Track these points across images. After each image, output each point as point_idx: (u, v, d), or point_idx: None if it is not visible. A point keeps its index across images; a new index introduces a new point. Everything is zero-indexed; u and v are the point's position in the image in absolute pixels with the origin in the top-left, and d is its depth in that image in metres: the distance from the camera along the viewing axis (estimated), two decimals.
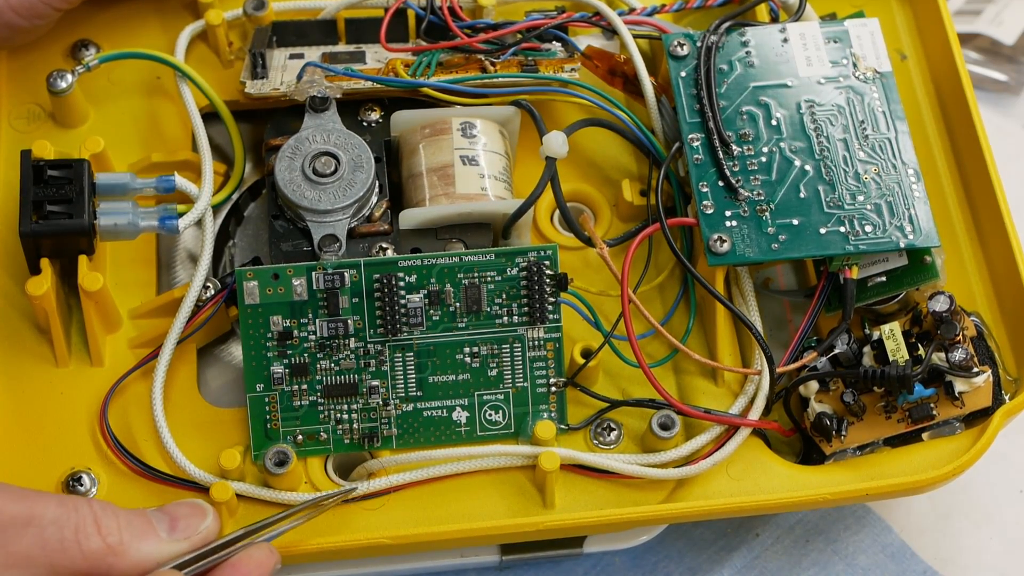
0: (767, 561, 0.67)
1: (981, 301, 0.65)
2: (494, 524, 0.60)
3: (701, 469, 0.61)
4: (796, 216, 0.62)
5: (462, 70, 0.66)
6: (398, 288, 0.61)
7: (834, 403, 0.63)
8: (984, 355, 0.62)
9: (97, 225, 0.61)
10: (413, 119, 0.64)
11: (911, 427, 0.62)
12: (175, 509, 0.57)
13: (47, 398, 0.62)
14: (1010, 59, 0.82)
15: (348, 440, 0.61)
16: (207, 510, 0.57)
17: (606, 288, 0.65)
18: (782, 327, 0.68)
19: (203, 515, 0.57)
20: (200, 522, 0.57)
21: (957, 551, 0.68)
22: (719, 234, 0.62)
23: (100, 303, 0.62)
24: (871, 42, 0.66)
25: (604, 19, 0.68)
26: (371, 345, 0.61)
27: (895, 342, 0.62)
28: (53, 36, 0.69)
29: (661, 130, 0.66)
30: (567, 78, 0.65)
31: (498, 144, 0.64)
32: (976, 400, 0.62)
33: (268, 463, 0.59)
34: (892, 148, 0.64)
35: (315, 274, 0.60)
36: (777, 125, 0.64)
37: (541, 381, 0.62)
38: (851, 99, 0.65)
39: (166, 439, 0.61)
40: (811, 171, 0.63)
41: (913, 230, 0.62)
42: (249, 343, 0.61)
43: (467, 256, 0.61)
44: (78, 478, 0.61)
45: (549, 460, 0.59)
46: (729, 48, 0.66)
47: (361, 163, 0.62)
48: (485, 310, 0.61)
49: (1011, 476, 0.70)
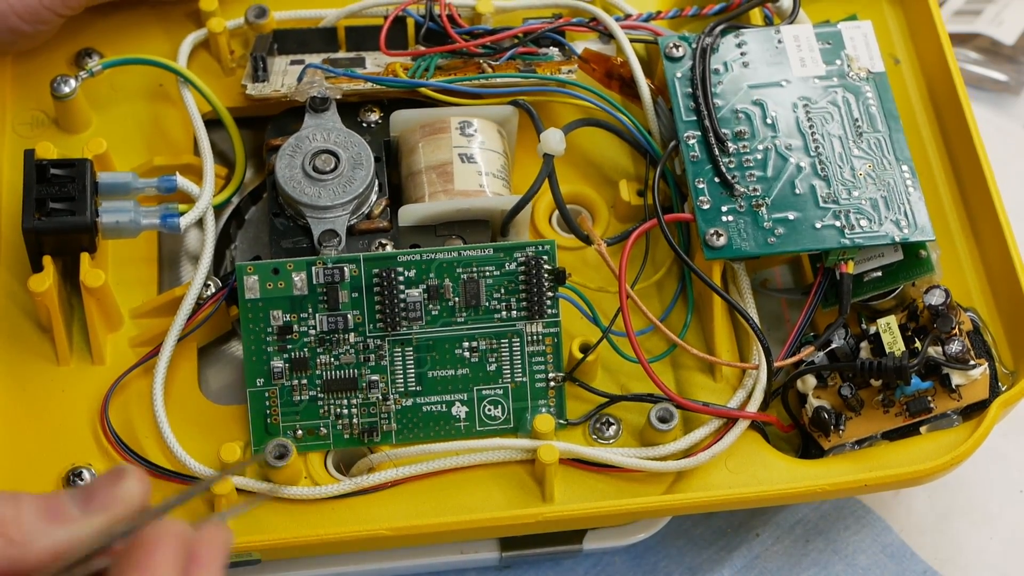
0: (767, 561, 0.67)
1: (977, 296, 0.66)
2: (494, 516, 0.60)
3: (700, 462, 0.61)
4: (792, 211, 0.63)
5: (460, 73, 0.66)
6: (397, 283, 0.61)
7: (832, 398, 0.63)
8: (980, 348, 0.62)
9: (99, 222, 0.62)
10: (412, 119, 0.65)
11: (909, 420, 0.62)
12: (93, 482, 0.49)
13: (49, 395, 0.63)
14: (1010, 59, 0.82)
15: (348, 435, 0.62)
16: (126, 472, 0.49)
17: (604, 285, 0.65)
18: (779, 325, 0.68)
19: (120, 479, 0.49)
20: (117, 488, 0.48)
21: (957, 551, 0.68)
22: (715, 229, 0.62)
23: (102, 301, 0.62)
24: (864, 44, 0.67)
25: (601, 24, 0.68)
26: (371, 340, 0.61)
27: (892, 335, 0.62)
28: (57, 44, 0.70)
29: (658, 131, 0.67)
30: (564, 78, 0.66)
31: (496, 143, 0.65)
32: (973, 393, 0.62)
33: (268, 456, 0.60)
34: (886, 145, 0.64)
35: (315, 269, 0.61)
36: (772, 123, 0.65)
37: (540, 376, 0.62)
38: (845, 98, 0.65)
39: (167, 435, 0.61)
40: (806, 167, 0.64)
41: (908, 224, 0.63)
42: (249, 338, 0.61)
43: (466, 251, 0.62)
44: (79, 474, 0.61)
45: (548, 453, 0.60)
46: (724, 50, 0.67)
47: (361, 161, 0.63)
48: (484, 305, 0.62)
49: (1011, 476, 0.70)
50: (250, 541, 0.59)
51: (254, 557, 0.60)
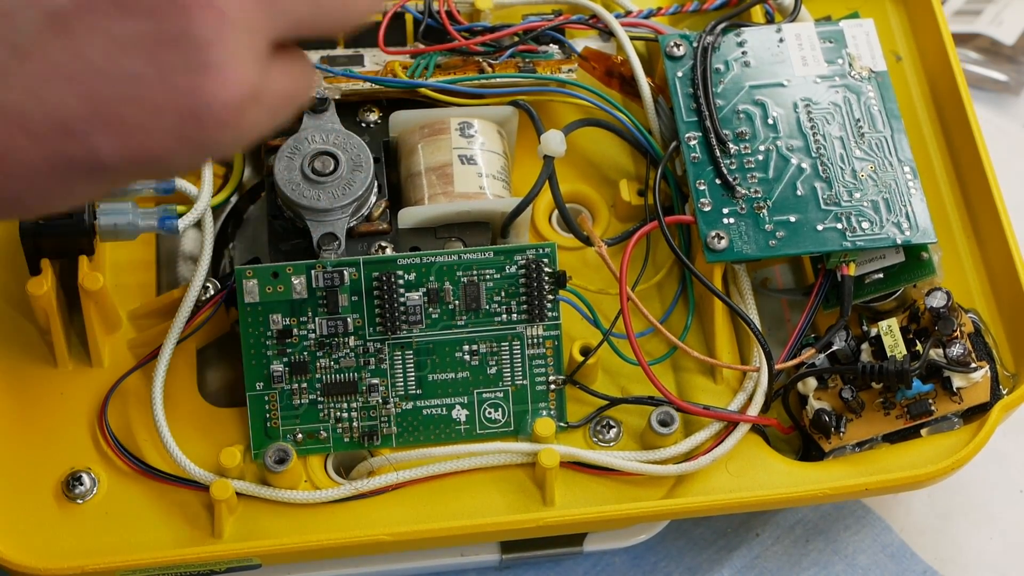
0: (767, 561, 0.67)
1: (978, 298, 0.66)
2: (494, 520, 0.60)
3: (700, 465, 0.61)
4: (793, 213, 0.62)
5: (460, 71, 0.66)
6: (397, 286, 0.61)
7: (833, 400, 0.63)
8: (982, 351, 0.62)
9: (97, 225, 0.62)
10: (411, 119, 0.64)
11: (910, 423, 0.62)
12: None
13: (47, 398, 0.62)
14: (1010, 59, 0.82)
15: (348, 439, 0.61)
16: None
17: (605, 287, 0.65)
18: (780, 326, 0.68)
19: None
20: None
21: (957, 551, 0.68)
22: (717, 231, 0.62)
23: (100, 303, 0.62)
24: (866, 42, 0.67)
25: (601, 21, 0.68)
26: (370, 343, 0.61)
27: (893, 338, 0.62)
28: None
29: (658, 130, 0.66)
30: (564, 78, 0.66)
31: (496, 144, 0.65)
32: (974, 396, 0.62)
33: (268, 461, 0.60)
34: (888, 146, 0.64)
35: (314, 272, 0.60)
36: (774, 124, 0.64)
37: (540, 379, 0.62)
38: (847, 98, 0.65)
39: (166, 438, 0.61)
40: (808, 169, 0.63)
41: (910, 227, 0.62)
42: (249, 342, 0.61)
43: (466, 254, 0.61)
44: (78, 478, 0.61)
45: (549, 457, 0.60)
46: (725, 48, 0.66)
47: (360, 162, 0.63)
48: (484, 308, 0.61)
49: (1011, 476, 0.70)
50: (250, 546, 0.59)
51: (254, 562, 0.60)
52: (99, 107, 0.41)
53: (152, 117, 0.42)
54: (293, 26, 0.44)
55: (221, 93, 0.42)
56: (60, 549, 0.59)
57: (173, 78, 0.42)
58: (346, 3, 0.46)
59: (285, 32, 0.44)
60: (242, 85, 0.42)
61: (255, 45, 0.43)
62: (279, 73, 0.45)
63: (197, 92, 0.42)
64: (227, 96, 0.42)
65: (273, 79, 0.44)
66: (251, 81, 0.43)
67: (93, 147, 0.42)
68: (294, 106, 0.46)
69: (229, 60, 0.42)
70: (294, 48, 0.46)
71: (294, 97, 0.46)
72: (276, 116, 0.45)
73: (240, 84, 0.42)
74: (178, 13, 0.41)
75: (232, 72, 0.42)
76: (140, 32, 0.41)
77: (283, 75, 0.45)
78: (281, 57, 0.45)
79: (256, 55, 0.43)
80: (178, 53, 0.41)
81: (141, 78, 0.41)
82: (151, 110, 0.42)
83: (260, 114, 0.44)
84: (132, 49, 0.41)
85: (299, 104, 0.46)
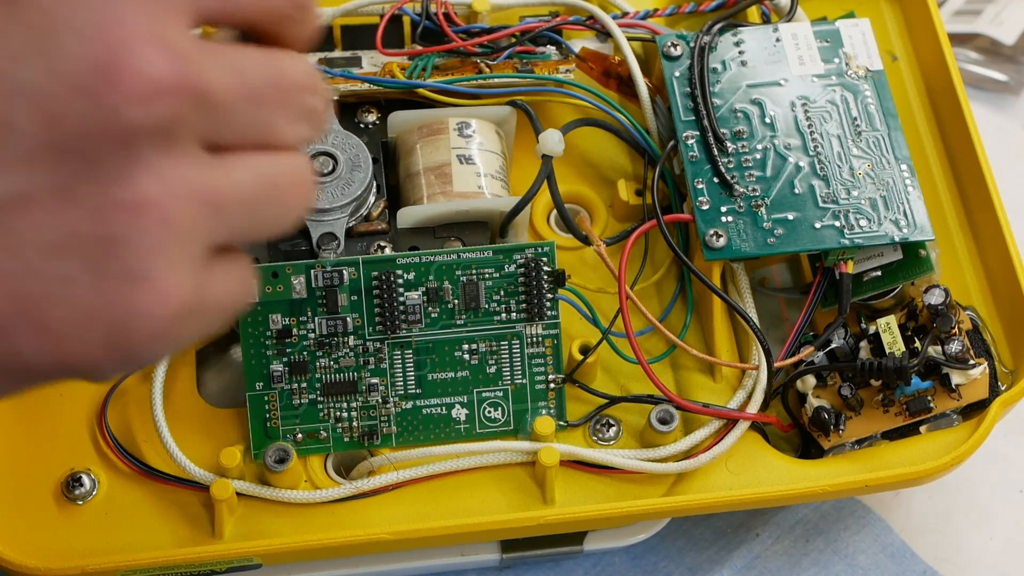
0: (767, 561, 0.67)
1: (976, 295, 0.66)
2: (495, 519, 0.60)
3: (700, 463, 0.61)
4: (791, 211, 0.63)
5: (457, 72, 0.66)
6: (396, 285, 0.61)
7: (832, 397, 0.63)
8: (980, 348, 0.62)
9: None
10: (410, 120, 0.65)
11: (909, 420, 0.62)
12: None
13: (47, 399, 0.62)
14: (1010, 59, 0.82)
15: (348, 438, 0.61)
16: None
17: (604, 286, 0.65)
18: (778, 324, 0.68)
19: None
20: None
21: (957, 551, 0.68)
22: (715, 229, 0.62)
23: None
24: (862, 41, 0.67)
25: (598, 22, 0.68)
26: (370, 343, 0.61)
27: (891, 335, 0.62)
28: None
29: (656, 130, 0.67)
30: (562, 78, 0.66)
31: (494, 143, 0.65)
32: (973, 392, 0.62)
33: (268, 461, 0.59)
34: (885, 144, 0.64)
35: (314, 272, 0.61)
36: (771, 122, 0.65)
37: (540, 378, 0.62)
38: (844, 96, 0.65)
39: (166, 439, 0.61)
40: (805, 167, 0.64)
41: (907, 224, 0.62)
42: (248, 341, 0.61)
43: (465, 253, 0.61)
44: (78, 479, 0.61)
45: (549, 455, 0.60)
46: (722, 48, 0.67)
47: (359, 162, 0.63)
48: (483, 307, 0.61)
49: (1011, 476, 0.70)
50: (250, 546, 0.59)
51: (255, 562, 0.60)
52: (25, 307, 0.39)
53: (80, 324, 0.39)
54: (235, 233, 0.43)
55: (155, 307, 0.40)
56: (60, 549, 0.59)
57: (107, 285, 0.39)
58: (281, 214, 0.44)
59: (227, 239, 0.42)
60: (178, 299, 0.40)
61: (195, 254, 0.41)
62: (217, 280, 0.42)
63: (130, 303, 0.39)
64: (161, 310, 0.40)
65: (211, 287, 0.42)
66: (187, 294, 0.40)
67: (15, 347, 0.39)
68: (231, 315, 0.44)
69: (167, 271, 0.40)
70: (234, 249, 0.44)
71: (231, 306, 0.43)
72: (211, 326, 0.43)
73: (176, 298, 0.40)
74: (122, 216, 0.39)
75: (169, 285, 0.40)
76: (79, 232, 0.39)
77: (221, 282, 0.43)
78: (220, 260, 0.43)
79: (195, 265, 0.41)
80: (115, 259, 0.39)
81: (74, 281, 0.39)
82: (80, 316, 0.39)
83: (194, 325, 0.42)
84: (68, 249, 0.39)
85: (236, 312, 0.44)
